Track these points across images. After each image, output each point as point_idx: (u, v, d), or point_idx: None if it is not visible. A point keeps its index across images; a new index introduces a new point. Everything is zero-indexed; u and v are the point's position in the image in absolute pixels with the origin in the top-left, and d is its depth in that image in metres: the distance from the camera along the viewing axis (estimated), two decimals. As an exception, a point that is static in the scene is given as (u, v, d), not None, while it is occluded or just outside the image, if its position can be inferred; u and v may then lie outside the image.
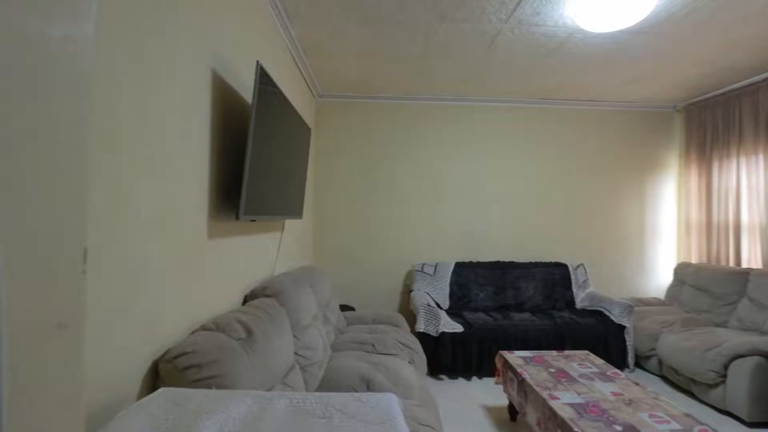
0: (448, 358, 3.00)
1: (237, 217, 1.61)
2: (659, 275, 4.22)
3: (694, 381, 2.80)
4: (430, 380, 3.05)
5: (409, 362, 2.42)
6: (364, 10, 2.46)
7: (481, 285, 3.65)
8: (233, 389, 1.18)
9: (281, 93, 2.00)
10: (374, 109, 4.06)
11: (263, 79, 1.72)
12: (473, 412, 2.58)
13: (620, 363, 3.20)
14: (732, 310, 3.24)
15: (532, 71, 3.40)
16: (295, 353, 1.85)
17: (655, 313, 3.44)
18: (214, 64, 1.61)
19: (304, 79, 3.41)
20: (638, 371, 3.29)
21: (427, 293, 3.56)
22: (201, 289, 1.51)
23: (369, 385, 1.94)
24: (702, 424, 1.70)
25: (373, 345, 2.42)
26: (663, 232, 4.25)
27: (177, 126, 1.33)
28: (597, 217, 4.20)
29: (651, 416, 1.76)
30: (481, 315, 3.34)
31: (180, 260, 1.35)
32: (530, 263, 3.83)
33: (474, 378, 3.11)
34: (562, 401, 1.87)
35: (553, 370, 2.26)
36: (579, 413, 1.77)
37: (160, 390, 1.01)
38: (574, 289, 3.70)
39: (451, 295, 3.61)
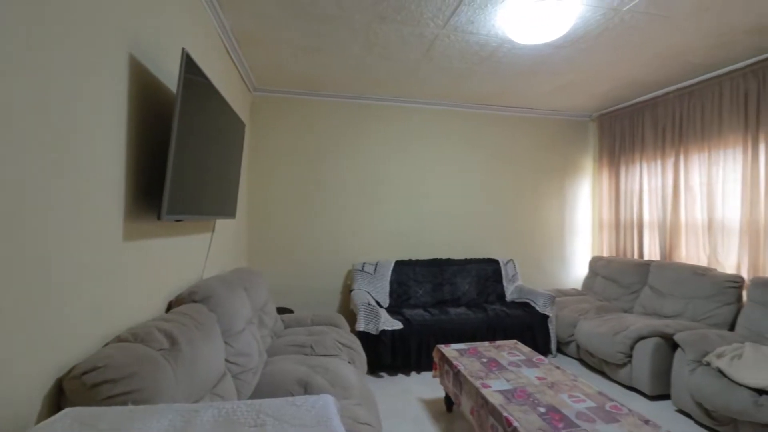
0: (389, 355, 3.05)
1: (159, 217, 1.48)
2: (577, 268, 4.65)
3: (605, 362, 3.12)
4: (371, 378, 3.07)
5: (349, 362, 2.42)
6: (302, 5, 2.40)
7: (420, 282, 3.76)
8: (154, 404, 1.09)
9: (210, 84, 1.88)
10: (315, 107, 3.99)
11: (190, 67, 1.60)
12: (412, 407, 2.65)
13: (545, 349, 3.47)
14: (636, 297, 3.66)
15: (467, 77, 3.56)
16: (227, 360, 1.76)
17: (574, 303, 3.79)
18: (132, 48, 1.47)
19: (238, 71, 3.24)
20: (560, 356, 3.60)
21: (368, 292, 3.58)
22: (116, 297, 1.37)
23: (307, 388, 1.90)
24: (612, 400, 1.90)
25: (312, 347, 2.38)
26: (580, 229, 4.70)
27: (84, 116, 1.19)
28: (524, 216, 4.52)
29: (570, 397, 1.93)
30: (420, 311, 3.43)
31: (89, 266, 1.21)
32: (465, 260, 4.01)
33: (413, 373, 3.19)
34: (493, 389, 1.99)
35: (485, 360, 2.39)
36: (508, 399, 1.89)
37: (65, 410, 0.90)
38: (505, 283, 3.96)
39: (392, 293, 3.67)
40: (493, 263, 4.03)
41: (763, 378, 2.14)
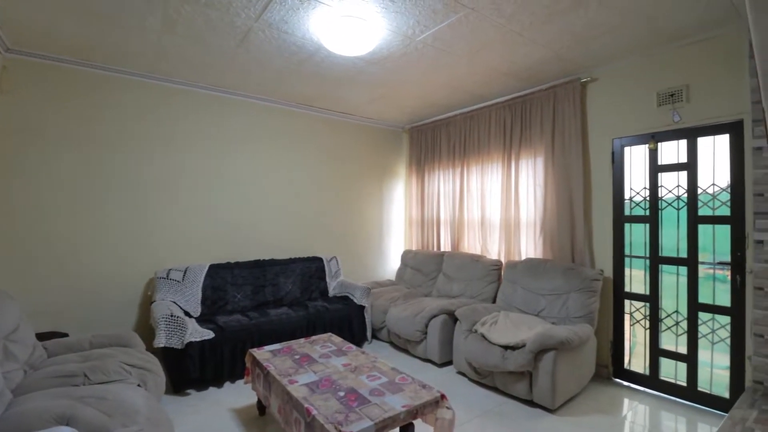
0: (197, 369, 2.77)
1: None
2: (392, 261, 5.24)
3: (408, 341, 3.61)
4: (173, 398, 2.73)
5: (139, 385, 2.10)
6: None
7: (240, 285, 3.56)
8: None
9: None
10: (103, 84, 3.30)
11: None
12: (220, 419, 2.47)
13: (362, 337, 3.78)
14: (434, 283, 4.36)
15: (290, 76, 3.56)
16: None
17: (387, 292, 4.25)
18: None
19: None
20: (375, 342, 3.98)
21: (174, 302, 3.18)
22: None
23: (70, 423, 1.55)
24: (401, 373, 2.19)
25: (86, 375, 1.97)
26: (394, 226, 5.31)
27: None
28: (348, 215, 4.82)
29: (368, 377, 2.14)
30: (238, 317, 3.25)
31: None
32: (290, 259, 4.01)
33: (227, 384, 2.99)
34: (300, 383, 2.04)
35: (297, 357, 2.43)
36: (312, 390, 1.96)
37: None
38: (328, 280, 4.13)
39: (204, 301, 3.35)
40: (318, 261, 4.16)
41: (508, 338, 2.83)
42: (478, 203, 4.32)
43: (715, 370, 2.78)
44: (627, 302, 3.20)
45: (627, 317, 3.22)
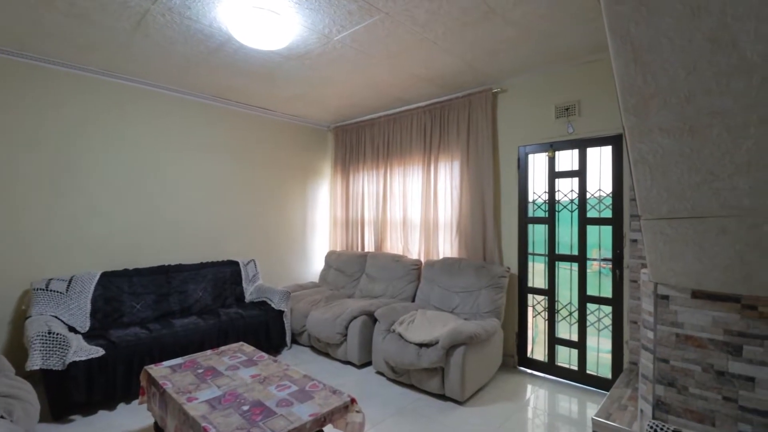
0: (82, 392, 2.44)
1: None
2: (316, 262, 5.14)
3: (329, 344, 3.56)
4: (52, 427, 2.38)
5: (2, 417, 1.79)
6: None
7: (139, 295, 3.21)
8: None
9: None
10: (-41, 60, 2.76)
11: None
12: (112, 446, 2.21)
13: (280, 344, 3.64)
14: (357, 284, 4.35)
15: (198, 66, 3.29)
16: None
17: (309, 295, 4.16)
18: None
19: None
20: (295, 347, 3.86)
21: (55, 316, 2.77)
22: None
23: None
24: (313, 380, 2.14)
25: None
26: (318, 227, 5.21)
27: None
28: (269, 216, 4.62)
29: (278, 387, 2.05)
30: (136, 329, 2.93)
31: None
32: (201, 264, 3.73)
33: (121, 405, 2.68)
34: (200, 400, 1.89)
35: (201, 371, 2.25)
36: (213, 406, 1.83)
37: None
38: (245, 284, 3.91)
39: (95, 314, 2.97)
40: (233, 265, 3.92)
41: (423, 336, 2.92)
42: (401, 204, 4.41)
43: (600, 354, 3.14)
44: (530, 296, 3.49)
45: (530, 310, 3.51)
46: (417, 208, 4.24)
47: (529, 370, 3.43)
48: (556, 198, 3.34)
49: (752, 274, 1.39)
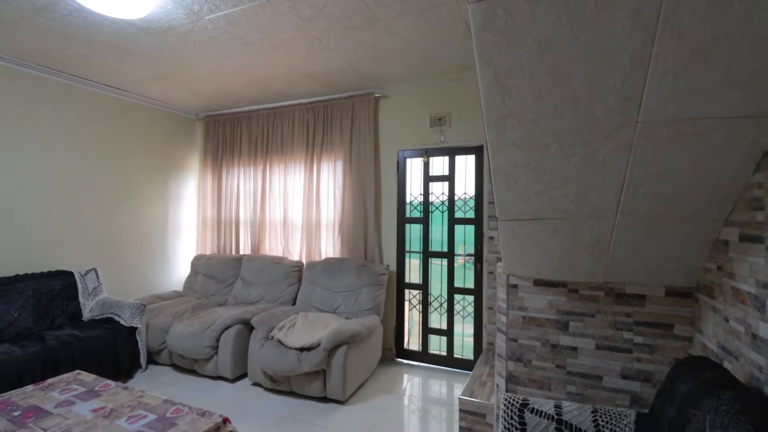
0: None
1: None
2: (180, 269, 4.54)
3: (195, 360, 3.17)
4: None
5: None
6: None
7: None
8: None
9: None
10: None
11: None
12: None
13: (132, 366, 3.10)
14: (231, 290, 4.00)
15: (19, 24, 2.57)
16: None
17: (170, 306, 3.64)
18: None
19: None
20: (152, 367, 3.34)
21: None
22: None
23: None
24: (176, 404, 1.87)
25: None
26: (184, 229, 4.62)
27: None
28: (117, 217, 3.89)
29: (129, 419, 1.73)
30: None
31: None
32: (17, 276, 2.92)
33: None
34: (12, 454, 1.46)
35: (18, 414, 1.75)
36: (33, 459, 1.44)
37: None
38: (82, 299, 3.21)
39: None
40: (65, 276, 3.17)
41: (303, 339, 2.83)
42: (281, 203, 4.21)
43: (465, 338, 3.53)
44: (407, 291, 3.72)
45: (407, 304, 3.74)
46: (299, 207, 4.11)
47: (406, 361, 3.65)
48: (430, 200, 3.63)
49: (576, 264, 1.73)
